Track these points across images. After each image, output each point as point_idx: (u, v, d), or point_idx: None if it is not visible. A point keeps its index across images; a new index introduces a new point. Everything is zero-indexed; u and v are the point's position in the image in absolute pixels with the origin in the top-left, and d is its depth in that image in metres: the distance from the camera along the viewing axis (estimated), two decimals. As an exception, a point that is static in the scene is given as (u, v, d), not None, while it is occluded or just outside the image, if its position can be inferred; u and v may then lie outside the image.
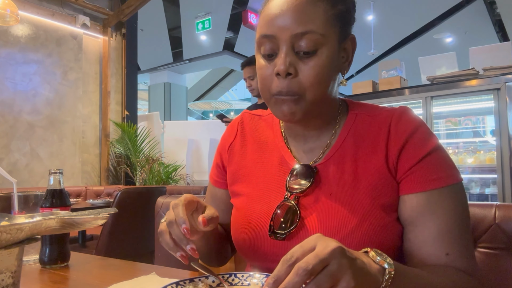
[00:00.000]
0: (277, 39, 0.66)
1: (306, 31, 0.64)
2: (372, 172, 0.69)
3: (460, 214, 0.66)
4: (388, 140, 0.69)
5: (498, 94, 3.27)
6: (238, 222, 0.76)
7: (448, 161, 0.68)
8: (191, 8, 7.97)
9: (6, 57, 4.06)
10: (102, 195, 3.88)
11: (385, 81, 4.02)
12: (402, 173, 0.68)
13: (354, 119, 0.75)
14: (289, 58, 0.65)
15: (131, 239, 2.60)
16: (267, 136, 0.82)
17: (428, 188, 0.65)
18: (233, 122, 0.89)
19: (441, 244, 0.64)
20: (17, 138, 4.13)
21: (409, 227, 0.67)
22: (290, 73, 0.65)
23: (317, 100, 0.67)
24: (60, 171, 0.91)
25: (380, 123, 0.72)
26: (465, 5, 7.25)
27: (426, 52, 4.69)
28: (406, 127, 0.69)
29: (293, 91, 0.66)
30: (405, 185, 0.67)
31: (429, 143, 0.67)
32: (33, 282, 0.76)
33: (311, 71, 0.65)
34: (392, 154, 0.68)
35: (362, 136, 0.72)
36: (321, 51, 0.65)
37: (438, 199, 0.65)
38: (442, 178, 0.66)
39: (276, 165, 0.77)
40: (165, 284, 0.60)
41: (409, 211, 0.67)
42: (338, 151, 0.73)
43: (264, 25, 0.68)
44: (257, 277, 0.64)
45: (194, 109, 14.66)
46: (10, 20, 3.17)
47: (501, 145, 3.25)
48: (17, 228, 0.45)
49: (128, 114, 5.23)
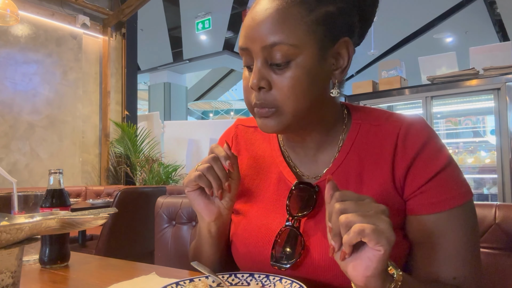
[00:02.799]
0: (250, 51, 0.63)
1: (274, 43, 0.60)
2: (377, 191, 0.64)
3: (470, 235, 0.63)
4: (394, 156, 0.65)
5: (498, 94, 3.27)
6: (238, 250, 0.73)
7: (458, 178, 0.64)
8: (191, 8, 7.97)
9: (6, 57, 4.06)
10: (102, 195, 3.88)
11: (385, 81, 4.02)
12: (410, 193, 0.64)
13: (358, 130, 0.70)
14: (261, 72, 0.62)
15: (131, 239, 2.60)
16: (263, 150, 0.78)
17: (438, 210, 0.62)
18: (227, 134, 0.85)
19: (449, 267, 0.61)
20: (17, 138, 4.13)
21: (416, 246, 0.64)
22: (262, 86, 0.62)
23: (298, 113, 0.63)
24: (60, 171, 0.91)
25: (385, 135, 0.66)
26: (465, 5, 7.25)
27: (426, 52, 4.68)
28: (414, 142, 0.64)
29: (268, 104, 0.63)
30: (413, 206, 0.64)
31: (439, 160, 0.63)
32: (33, 282, 0.76)
33: (284, 83, 0.61)
34: (399, 172, 0.64)
35: (366, 149, 0.67)
36: (295, 62, 0.60)
37: (447, 221, 0.62)
38: (453, 198, 0.62)
39: (274, 183, 0.73)
40: (165, 284, 0.60)
41: (417, 232, 0.64)
42: (341, 166, 0.68)
43: (240, 38, 0.65)
44: (257, 277, 0.64)
45: (194, 109, 14.66)
46: (10, 20, 3.17)
47: (501, 145, 3.25)
48: (17, 228, 0.45)
49: (128, 114, 5.23)
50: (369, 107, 0.74)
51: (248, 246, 0.70)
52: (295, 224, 0.66)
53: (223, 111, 14.78)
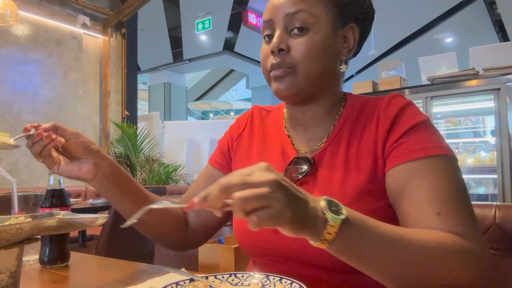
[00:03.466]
0: (273, 22, 0.73)
1: (297, 10, 0.70)
2: (363, 158, 0.70)
3: (453, 179, 0.62)
4: (377, 123, 0.71)
5: (498, 94, 3.27)
6: (238, 222, 0.78)
7: (436, 135, 0.66)
8: (191, 8, 7.97)
9: (6, 57, 4.06)
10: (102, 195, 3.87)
11: (385, 81, 4.01)
12: (388, 148, 0.68)
13: (350, 109, 0.77)
14: (281, 36, 0.71)
15: (131, 239, 2.60)
16: (272, 130, 0.86)
17: (414, 157, 0.63)
18: (244, 114, 0.93)
19: (432, 203, 0.59)
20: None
21: (400, 198, 0.64)
22: (282, 49, 0.71)
23: (310, 76, 0.71)
24: (60, 171, 0.91)
25: (372, 108, 0.74)
26: (465, 5, 7.26)
27: (426, 52, 4.68)
28: (393, 107, 0.70)
29: (285, 64, 0.71)
30: (390, 160, 0.67)
31: (416, 118, 0.68)
32: (33, 282, 0.76)
33: (301, 46, 0.70)
34: (381, 135, 0.69)
35: (355, 124, 0.74)
36: (312, 30, 0.70)
37: (425, 167, 0.62)
38: (428, 148, 0.64)
39: (278, 156, 0.80)
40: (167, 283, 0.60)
41: (396, 182, 0.64)
42: (333, 141, 0.75)
43: (265, 12, 0.75)
44: (257, 277, 0.64)
45: (194, 109, 14.67)
46: (10, 20, 3.17)
47: (501, 145, 3.25)
48: (17, 228, 0.45)
49: (128, 114, 5.23)
50: (364, 95, 0.81)
51: None
52: None
53: (223, 111, 14.78)
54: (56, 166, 0.73)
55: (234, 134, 0.90)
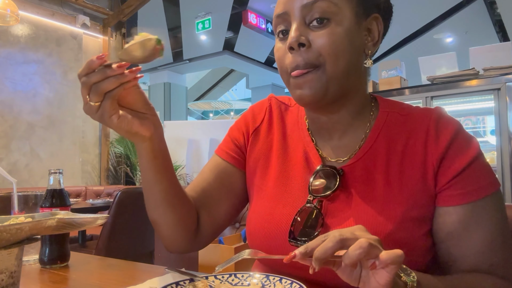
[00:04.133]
0: (288, 15, 0.64)
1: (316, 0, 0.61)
2: (406, 180, 0.63)
3: (503, 221, 0.62)
4: (426, 145, 0.64)
5: (498, 94, 3.27)
6: (256, 224, 0.72)
7: (488, 167, 0.63)
8: (191, 8, 7.96)
9: (6, 57, 4.06)
10: (102, 195, 3.88)
11: (385, 81, 4.01)
12: (442, 184, 0.62)
13: (385, 117, 0.69)
14: (300, 29, 0.62)
15: (131, 239, 2.60)
16: (292, 130, 0.77)
17: (472, 199, 0.61)
18: (262, 106, 0.82)
19: (485, 255, 0.60)
20: (17, 138, 4.13)
21: (452, 241, 0.62)
22: (302, 43, 0.61)
23: (337, 75, 0.62)
24: (60, 171, 0.91)
25: (414, 124, 0.66)
26: (465, 5, 7.25)
27: (426, 52, 4.68)
28: (446, 132, 0.63)
29: (311, 62, 0.62)
30: (445, 197, 0.62)
31: (470, 150, 0.62)
32: (33, 282, 0.76)
33: (325, 39, 0.61)
34: (431, 162, 0.63)
35: (395, 137, 0.67)
36: (334, 20, 0.61)
37: (481, 210, 0.61)
38: (484, 187, 0.61)
39: (300, 162, 0.72)
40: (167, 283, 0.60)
41: (451, 225, 0.62)
42: (368, 152, 0.67)
43: (277, 6, 0.66)
44: (257, 277, 0.64)
45: (194, 109, 14.66)
46: (10, 20, 3.17)
47: (501, 145, 3.24)
48: (17, 228, 0.45)
49: (128, 114, 5.23)
50: (394, 100, 0.73)
51: (268, 220, 0.69)
52: (317, 204, 0.66)
53: (223, 111, 14.78)
54: (115, 116, 0.58)
55: (250, 127, 0.80)
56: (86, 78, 0.56)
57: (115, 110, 0.59)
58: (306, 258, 0.47)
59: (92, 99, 0.56)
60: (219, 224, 0.79)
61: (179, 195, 0.72)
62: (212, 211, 0.77)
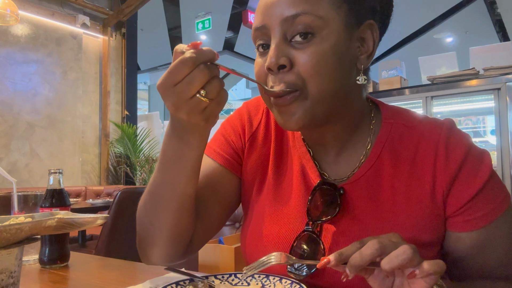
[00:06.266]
0: (268, 29, 0.56)
1: (297, 13, 0.53)
2: (414, 203, 0.59)
3: None
4: (435, 166, 0.58)
5: (498, 94, 3.27)
6: (251, 242, 0.68)
7: (500, 184, 0.60)
8: (191, 8, 7.96)
9: (6, 57, 4.06)
10: (102, 195, 3.88)
11: (385, 81, 4.01)
12: (454, 210, 0.58)
13: (389, 130, 0.63)
14: (281, 48, 0.54)
15: (131, 239, 2.59)
16: (287, 138, 0.70)
17: (486, 223, 0.58)
18: (257, 105, 0.73)
19: (501, 270, 0.59)
20: (17, 138, 4.13)
21: (464, 261, 0.60)
22: (283, 65, 0.54)
23: (323, 97, 0.55)
24: (59, 171, 0.91)
25: (422, 139, 0.61)
26: (465, 5, 7.25)
27: (426, 52, 4.68)
28: (456, 152, 0.58)
29: (289, 85, 0.54)
30: (458, 223, 0.59)
31: (483, 171, 0.58)
32: (33, 282, 0.76)
33: (308, 59, 0.53)
34: (441, 184, 0.58)
35: (400, 153, 0.61)
36: (320, 36, 0.54)
37: (496, 230, 0.58)
38: (498, 206, 0.58)
39: (297, 177, 0.66)
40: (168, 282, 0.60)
41: (465, 250, 0.60)
42: (371, 169, 0.61)
43: (256, 17, 0.58)
44: (257, 277, 0.64)
45: (194, 109, 14.66)
46: (10, 19, 3.17)
47: (501, 145, 3.25)
48: (17, 228, 0.45)
49: (128, 114, 5.23)
50: (398, 107, 0.67)
51: (262, 243, 0.65)
52: (315, 229, 0.61)
53: (223, 111, 14.77)
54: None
55: (246, 131, 0.72)
56: (208, 70, 0.48)
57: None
58: (340, 264, 0.46)
59: (210, 94, 0.48)
60: (209, 231, 0.71)
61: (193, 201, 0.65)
62: (204, 219, 0.69)
